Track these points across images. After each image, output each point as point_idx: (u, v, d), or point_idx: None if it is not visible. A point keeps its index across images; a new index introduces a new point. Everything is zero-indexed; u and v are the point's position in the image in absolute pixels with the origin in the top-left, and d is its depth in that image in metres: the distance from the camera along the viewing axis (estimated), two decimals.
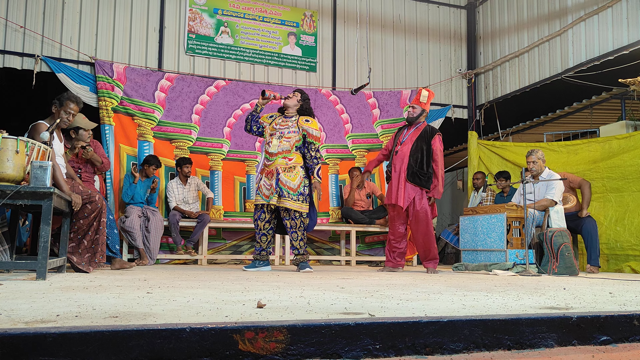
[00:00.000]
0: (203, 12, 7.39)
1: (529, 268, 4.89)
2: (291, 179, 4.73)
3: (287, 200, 4.69)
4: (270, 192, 4.73)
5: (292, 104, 4.91)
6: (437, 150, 5.19)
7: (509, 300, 2.27)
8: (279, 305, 1.93)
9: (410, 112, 5.34)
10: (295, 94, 4.96)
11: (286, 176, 4.72)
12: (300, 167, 4.80)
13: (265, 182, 4.80)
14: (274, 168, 4.77)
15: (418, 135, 5.24)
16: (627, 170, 6.13)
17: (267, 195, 4.75)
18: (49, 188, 3.09)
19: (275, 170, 4.76)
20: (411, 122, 5.33)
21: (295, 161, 4.79)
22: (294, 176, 4.75)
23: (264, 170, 4.90)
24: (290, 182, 4.71)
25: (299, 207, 4.72)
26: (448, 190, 11.09)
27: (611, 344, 1.74)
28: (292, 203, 4.70)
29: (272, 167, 4.78)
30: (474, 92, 8.73)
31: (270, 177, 4.77)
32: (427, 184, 5.13)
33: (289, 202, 4.70)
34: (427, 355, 1.52)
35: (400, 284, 3.28)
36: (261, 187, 4.82)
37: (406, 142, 5.25)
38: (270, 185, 4.74)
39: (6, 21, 6.40)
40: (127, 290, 2.47)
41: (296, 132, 4.81)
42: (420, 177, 5.12)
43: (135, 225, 6.01)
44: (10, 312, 1.60)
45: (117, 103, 6.73)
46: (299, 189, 4.73)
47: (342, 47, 8.12)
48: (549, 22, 7.36)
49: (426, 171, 5.13)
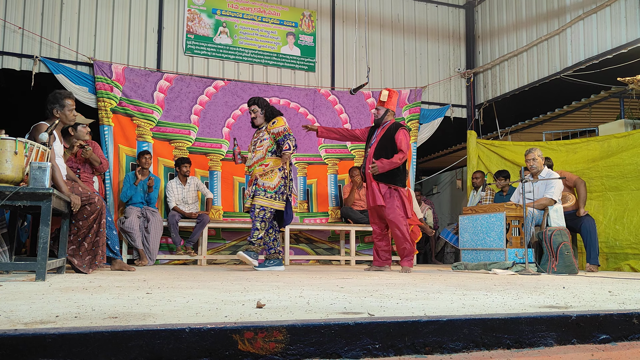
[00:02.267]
0: (201, 12, 7.39)
1: (529, 267, 4.89)
2: (269, 179, 5.04)
3: (260, 198, 5.01)
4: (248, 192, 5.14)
5: (259, 121, 5.20)
6: (400, 142, 5.16)
7: (509, 299, 2.28)
8: (279, 305, 1.93)
9: (375, 114, 5.40)
10: (253, 109, 5.18)
11: (263, 179, 5.05)
12: (279, 170, 5.09)
13: (247, 190, 5.19)
14: (253, 177, 5.17)
15: (383, 134, 5.28)
16: (626, 169, 6.14)
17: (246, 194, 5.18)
18: (47, 189, 3.09)
19: (254, 177, 5.14)
20: (378, 123, 5.37)
21: (272, 165, 5.08)
22: (272, 177, 5.06)
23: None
24: (267, 183, 5.03)
25: (269, 203, 5.00)
26: (447, 190, 11.10)
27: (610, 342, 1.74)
28: (264, 200, 5.00)
29: (252, 176, 5.18)
30: (473, 91, 8.73)
31: (249, 185, 5.17)
32: (394, 180, 5.14)
33: (261, 200, 5.01)
34: (426, 354, 1.52)
35: (400, 283, 3.29)
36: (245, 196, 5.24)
37: (374, 144, 5.31)
38: (249, 191, 5.13)
39: (4, 22, 6.40)
40: (127, 290, 2.47)
41: (267, 138, 5.10)
42: (386, 173, 5.13)
43: (135, 226, 6.01)
44: (10, 313, 1.60)
45: (116, 104, 6.72)
46: (276, 188, 5.02)
47: (340, 47, 8.12)
48: (548, 21, 7.36)
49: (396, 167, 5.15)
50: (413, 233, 7.19)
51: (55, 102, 3.92)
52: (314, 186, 7.62)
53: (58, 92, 4.02)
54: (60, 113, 3.93)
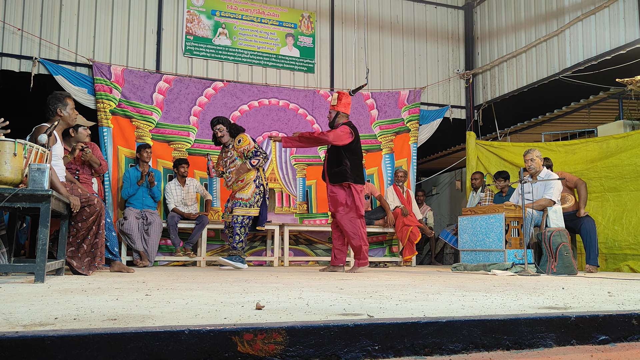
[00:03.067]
0: (201, 13, 7.39)
1: (528, 268, 4.89)
2: (244, 191, 5.54)
3: (237, 209, 5.51)
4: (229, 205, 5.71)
5: (225, 139, 5.65)
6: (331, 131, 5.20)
7: (508, 300, 2.28)
8: (278, 306, 1.93)
9: (328, 117, 5.48)
10: (219, 127, 5.62)
11: (240, 193, 5.56)
12: (253, 181, 5.57)
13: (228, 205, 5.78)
14: (233, 193, 5.71)
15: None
16: (624, 170, 6.14)
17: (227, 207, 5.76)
18: (46, 190, 3.09)
19: (234, 193, 5.67)
20: (331, 126, 5.41)
21: (247, 179, 5.56)
22: (247, 189, 5.54)
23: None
24: (243, 195, 5.53)
25: (245, 212, 5.48)
26: (447, 191, 11.10)
27: (610, 343, 1.75)
28: (240, 210, 5.48)
29: (233, 192, 5.72)
30: (472, 92, 8.74)
31: (230, 199, 5.74)
32: (345, 177, 5.15)
33: (238, 210, 5.49)
34: (426, 355, 1.52)
35: (399, 284, 3.29)
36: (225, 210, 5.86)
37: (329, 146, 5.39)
38: (229, 206, 5.69)
39: (4, 23, 6.39)
40: (126, 292, 2.47)
41: (237, 158, 5.59)
42: (338, 174, 5.17)
43: (134, 228, 6.00)
44: (9, 315, 1.60)
45: (115, 105, 6.72)
46: (251, 199, 5.52)
47: (340, 48, 8.12)
48: (547, 22, 7.37)
49: (344, 164, 5.15)
50: (412, 234, 7.20)
51: (58, 102, 3.95)
52: (314, 187, 7.62)
53: (59, 93, 4.04)
54: (64, 112, 3.96)
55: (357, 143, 5.25)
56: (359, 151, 5.29)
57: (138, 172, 6.34)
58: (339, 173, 5.17)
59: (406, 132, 8.13)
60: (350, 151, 5.18)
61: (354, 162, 5.19)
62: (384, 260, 7.54)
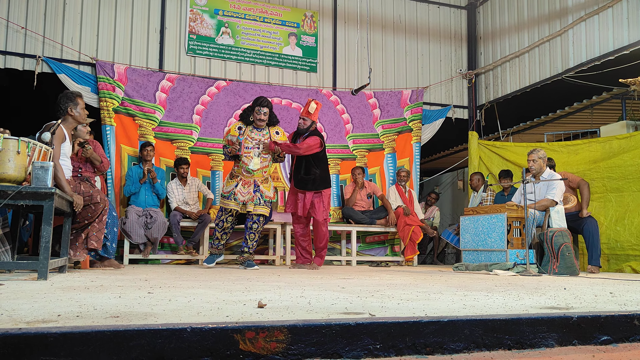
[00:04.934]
0: (204, 12, 7.40)
1: (530, 268, 4.88)
2: (267, 189, 5.34)
3: (260, 207, 5.27)
4: (247, 199, 5.23)
5: (264, 125, 5.36)
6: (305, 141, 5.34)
7: (510, 300, 2.28)
8: (280, 305, 1.94)
9: (301, 124, 5.50)
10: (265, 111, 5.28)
11: (263, 187, 5.31)
12: (269, 178, 5.48)
13: (241, 190, 5.25)
14: (252, 180, 5.29)
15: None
16: (627, 170, 6.13)
17: (244, 201, 5.24)
18: (50, 188, 3.10)
19: (253, 182, 5.29)
20: (302, 133, 5.51)
21: (269, 173, 5.44)
22: (268, 186, 5.38)
23: (238, 178, 5.30)
24: (266, 192, 5.32)
25: (265, 211, 5.31)
26: (448, 191, 11.10)
27: (612, 343, 1.74)
28: (263, 209, 5.29)
29: (251, 179, 5.29)
30: (475, 92, 8.73)
31: (247, 186, 5.27)
32: (314, 185, 5.40)
33: (261, 209, 5.27)
34: (427, 355, 1.52)
35: (401, 284, 3.29)
36: (237, 194, 5.25)
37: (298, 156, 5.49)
38: (248, 193, 5.24)
39: (7, 22, 6.41)
40: (128, 290, 2.48)
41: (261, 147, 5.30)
42: (307, 181, 5.40)
43: (135, 226, 6.04)
44: (12, 312, 1.61)
45: (118, 104, 6.74)
46: (273, 198, 5.37)
47: (342, 47, 8.12)
48: (550, 22, 7.36)
49: (312, 173, 5.39)
50: (414, 234, 7.20)
51: (69, 101, 4.00)
52: None
53: (70, 92, 4.11)
54: (75, 111, 4.00)
55: (324, 150, 5.55)
56: (325, 157, 5.57)
57: (141, 170, 6.37)
58: (309, 181, 5.41)
59: (408, 132, 8.13)
60: (318, 160, 5.45)
61: (322, 169, 5.48)
62: (386, 259, 7.54)
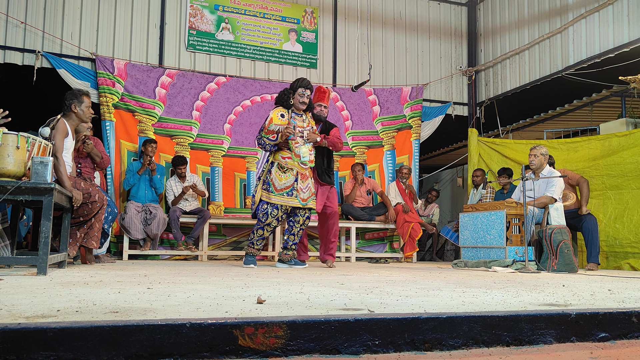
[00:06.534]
0: (204, 8, 7.38)
1: (528, 265, 4.89)
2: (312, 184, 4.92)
3: (313, 201, 4.91)
4: (307, 195, 4.80)
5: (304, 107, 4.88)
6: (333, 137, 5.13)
7: (508, 296, 2.28)
8: (279, 301, 1.94)
9: (322, 112, 5.20)
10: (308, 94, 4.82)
11: (310, 183, 4.88)
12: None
13: (302, 186, 4.77)
14: (307, 172, 4.86)
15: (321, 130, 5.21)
16: (626, 168, 6.13)
17: (305, 198, 4.78)
18: (49, 184, 3.09)
19: (308, 175, 4.86)
20: (322, 120, 5.22)
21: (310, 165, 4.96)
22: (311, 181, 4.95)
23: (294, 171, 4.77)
24: (312, 186, 4.90)
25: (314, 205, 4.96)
26: (448, 188, 11.10)
27: (610, 340, 1.75)
28: (314, 203, 4.93)
29: (306, 171, 4.86)
30: (475, 89, 8.72)
31: (305, 180, 4.81)
32: (332, 179, 5.30)
33: (313, 204, 4.90)
34: (426, 351, 1.53)
35: (400, 280, 3.29)
36: (299, 191, 4.74)
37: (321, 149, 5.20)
38: (308, 188, 4.82)
39: (7, 17, 6.39)
40: (128, 285, 2.48)
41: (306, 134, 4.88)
42: (330, 175, 5.28)
43: (135, 222, 6.04)
44: (11, 307, 1.61)
45: (117, 99, 6.73)
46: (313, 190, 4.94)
47: (342, 43, 8.11)
48: (550, 19, 7.35)
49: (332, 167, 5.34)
50: (414, 230, 7.20)
51: (74, 98, 4.04)
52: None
53: (77, 89, 4.20)
54: (79, 109, 4.03)
55: None
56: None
57: (141, 164, 6.38)
58: (331, 174, 5.32)
59: (408, 129, 8.13)
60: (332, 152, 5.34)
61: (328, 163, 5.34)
62: (385, 256, 7.54)
